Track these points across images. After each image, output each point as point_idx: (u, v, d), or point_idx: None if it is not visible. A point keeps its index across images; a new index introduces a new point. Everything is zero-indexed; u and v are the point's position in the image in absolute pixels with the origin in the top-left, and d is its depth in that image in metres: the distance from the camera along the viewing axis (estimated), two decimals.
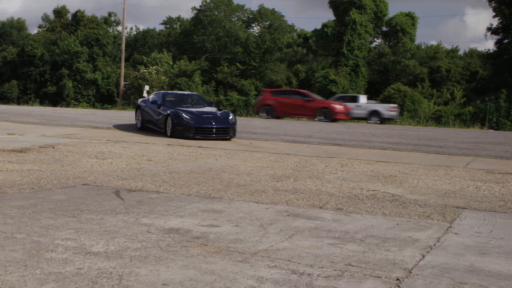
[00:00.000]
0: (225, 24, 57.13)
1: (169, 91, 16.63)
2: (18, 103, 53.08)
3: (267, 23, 59.32)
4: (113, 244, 4.28)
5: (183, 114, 15.20)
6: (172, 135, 15.31)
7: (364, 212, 6.15)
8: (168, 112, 15.60)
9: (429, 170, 10.26)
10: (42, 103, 53.71)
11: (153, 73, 46.89)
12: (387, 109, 31.63)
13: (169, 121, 15.52)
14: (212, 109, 16.52)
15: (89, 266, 3.69)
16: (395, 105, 33.00)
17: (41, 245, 4.14)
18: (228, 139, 15.48)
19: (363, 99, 32.59)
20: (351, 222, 5.58)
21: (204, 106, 16.96)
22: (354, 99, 32.23)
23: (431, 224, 5.68)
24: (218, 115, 15.73)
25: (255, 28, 60.70)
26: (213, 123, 15.26)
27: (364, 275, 3.81)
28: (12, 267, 3.61)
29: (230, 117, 15.77)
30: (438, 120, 40.06)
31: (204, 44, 56.73)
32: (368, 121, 31.14)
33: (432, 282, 3.73)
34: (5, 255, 3.85)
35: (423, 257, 4.37)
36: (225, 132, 15.47)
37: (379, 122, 31.00)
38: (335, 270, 3.88)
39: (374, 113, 31.39)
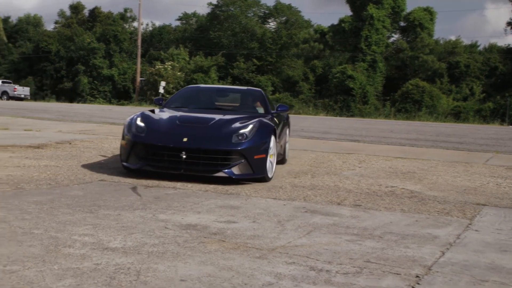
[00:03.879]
0: (241, 19, 57.12)
1: (203, 86, 10.51)
2: (34, 99, 53.49)
3: (283, 19, 59.21)
4: (130, 240, 4.30)
5: (138, 121, 7.73)
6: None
7: (383, 208, 6.13)
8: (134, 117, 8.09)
9: (448, 166, 10.20)
10: (58, 99, 54.12)
11: (169, 69, 47.02)
12: (12, 90, 48.96)
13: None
14: (244, 117, 8.19)
15: (107, 262, 3.71)
16: (17, 86, 50.86)
17: (58, 240, 4.16)
18: (231, 178, 7.24)
19: None
20: (369, 218, 5.56)
21: (237, 112, 8.78)
22: None
23: (450, 221, 5.64)
24: (215, 125, 7.66)
25: (271, 23, 60.63)
26: (185, 141, 7.22)
27: (383, 272, 3.79)
28: (30, 262, 3.63)
29: (245, 131, 7.46)
30: (457, 116, 39.78)
31: (220, 40, 56.76)
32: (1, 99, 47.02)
33: (452, 279, 3.70)
34: (24, 251, 3.87)
35: (443, 254, 4.34)
36: (214, 161, 7.24)
37: (6, 99, 47.69)
38: (354, 267, 3.86)
39: (4, 93, 48.86)
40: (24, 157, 8.82)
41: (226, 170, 7.13)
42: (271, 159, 7.76)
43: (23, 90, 50.57)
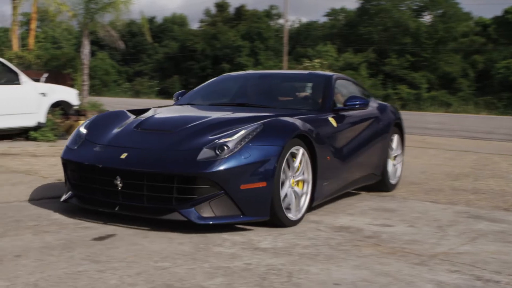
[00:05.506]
0: (394, 13, 56.08)
1: (242, 72, 7.46)
2: None
3: (439, 11, 57.37)
4: (281, 241, 4.34)
5: (83, 126, 5.52)
6: None
7: None
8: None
9: None
10: None
11: (317, 66, 47.27)
12: None
13: None
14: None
15: (258, 262, 3.76)
16: None
17: (208, 239, 4.28)
18: (197, 224, 4.47)
19: None
20: None
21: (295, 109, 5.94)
22: None
23: None
24: (189, 131, 4.90)
25: (426, 17, 58.98)
26: (122, 158, 4.69)
27: None
28: (181, 260, 3.77)
29: (227, 141, 4.57)
30: None
31: (370, 36, 56.11)
32: None
33: None
34: (174, 248, 4.03)
35: None
36: (166, 193, 4.51)
37: None
38: None
39: None
40: None
41: (184, 210, 4.40)
42: (297, 191, 4.97)
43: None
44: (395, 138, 7.14)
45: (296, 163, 4.91)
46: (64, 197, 5.12)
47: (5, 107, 10.57)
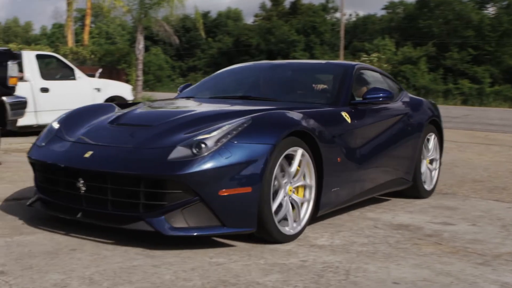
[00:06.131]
0: (455, 6, 55.05)
1: (251, 63, 6.77)
2: None
3: (504, 3, 56.02)
4: (338, 238, 4.31)
5: (56, 121, 4.91)
6: None
7: None
8: None
9: None
10: None
11: (374, 60, 46.80)
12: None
13: None
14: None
15: (314, 259, 3.75)
16: None
17: None
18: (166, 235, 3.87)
19: None
20: None
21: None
22: None
23: None
24: (167, 126, 4.25)
25: (490, 9, 57.70)
26: (86, 157, 4.11)
27: None
28: (236, 256, 3.78)
29: (205, 138, 3.90)
30: None
31: (430, 29, 55.22)
32: None
33: None
34: (229, 244, 4.05)
35: None
36: (132, 198, 3.90)
37: None
38: None
39: None
40: None
41: (151, 219, 3.81)
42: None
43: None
44: (432, 138, 6.35)
45: (294, 166, 4.22)
46: (29, 201, 4.60)
47: (60, 102, 10.81)
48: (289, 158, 4.18)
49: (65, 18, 26.71)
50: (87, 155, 4.10)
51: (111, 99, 11.98)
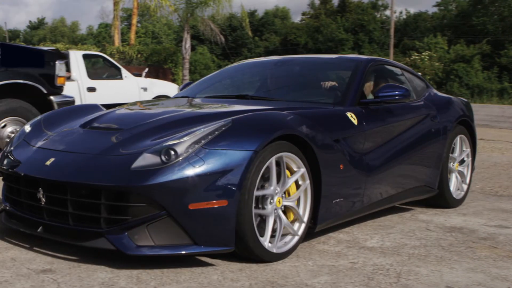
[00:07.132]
0: (511, 2, 54.02)
1: (253, 60, 6.25)
2: None
3: None
4: (388, 240, 4.27)
5: (28, 124, 4.64)
6: None
7: None
8: None
9: None
10: None
11: (426, 59, 46.23)
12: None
13: None
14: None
15: (364, 261, 3.72)
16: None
17: (312, 236, 4.27)
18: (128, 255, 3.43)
19: None
20: None
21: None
22: None
23: None
24: (139, 130, 3.84)
25: None
26: (47, 165, 3.73)
27: None
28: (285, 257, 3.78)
29: (174, 144, 3.46)
30: None
31: (485, 26, 54.30)
32: None
33: None
34: None
35: None
36: (92, 212, 3.51)
37: None
38: None
39: None
40: None
41: (112, 236, 3.43)
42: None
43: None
44: (461, 140, 5.74)
45: (283, 175, 3.77)
46: None
47: (107, 102, 10.97)
48: (276, 164, 3.71)
49: (112, 18, 27.12)
50: (48, 162, 3.75)
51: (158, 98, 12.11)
